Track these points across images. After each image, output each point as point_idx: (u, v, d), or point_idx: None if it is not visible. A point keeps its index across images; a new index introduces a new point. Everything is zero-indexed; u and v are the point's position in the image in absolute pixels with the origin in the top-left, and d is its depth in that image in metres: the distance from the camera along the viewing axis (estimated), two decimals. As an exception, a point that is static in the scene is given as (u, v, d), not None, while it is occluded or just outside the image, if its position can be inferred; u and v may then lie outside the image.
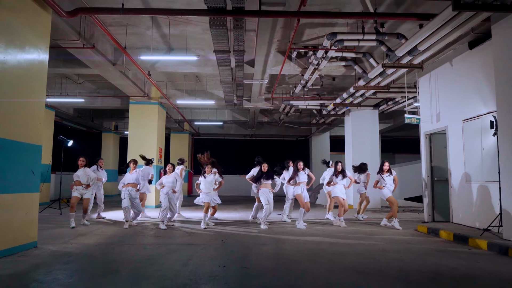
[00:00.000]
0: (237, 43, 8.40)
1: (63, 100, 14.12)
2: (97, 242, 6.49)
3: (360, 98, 12.28)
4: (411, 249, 6.11)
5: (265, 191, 8.81)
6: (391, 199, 8.98)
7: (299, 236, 7.32)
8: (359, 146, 14.63)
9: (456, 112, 8.52)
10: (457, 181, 8.49)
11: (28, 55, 5.84)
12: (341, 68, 10.84)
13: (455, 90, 8.59)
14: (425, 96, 9.84)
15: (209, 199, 8.60)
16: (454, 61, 8.66)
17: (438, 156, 9.53)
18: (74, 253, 5.56)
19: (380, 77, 9.73)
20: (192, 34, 9.58)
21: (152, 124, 14.21)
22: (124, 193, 8.65)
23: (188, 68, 10.99)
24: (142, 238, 7.00)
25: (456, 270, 4.71)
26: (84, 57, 9.44)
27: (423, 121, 9.74)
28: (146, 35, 9.71)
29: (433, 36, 7.28)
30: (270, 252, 5.80)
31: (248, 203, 15.55)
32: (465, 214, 8.18)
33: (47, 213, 11.21)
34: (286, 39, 9.72)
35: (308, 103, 14.14)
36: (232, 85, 12.39)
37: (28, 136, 5.84)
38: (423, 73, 9.83)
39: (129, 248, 6.00)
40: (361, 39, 8.24)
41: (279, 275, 4.41)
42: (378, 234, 7.83)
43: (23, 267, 4.67)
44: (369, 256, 5.46)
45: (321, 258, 5.34)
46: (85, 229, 8.05)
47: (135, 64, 9.89)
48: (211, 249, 5.92)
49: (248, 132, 23.47)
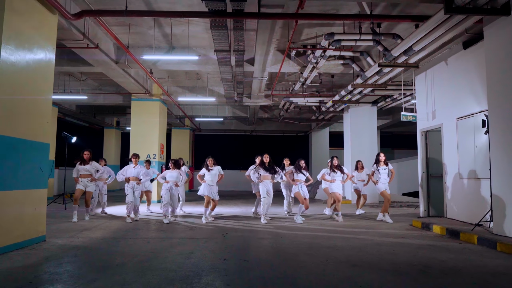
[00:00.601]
0: (237, 43, 8.63)
1: (66, 97, 14.37)
2: (103, 236, 6.76)
3: (358, 95, 12.50)
4: (404, 243, 6.37)
5: (266, 183, 8.91)
6: (384, 193, 9.19)
7: (297, 231, 7.59)
8: (357, 142, 14.89)
9: (450, 110, 8.75)
10: (451, 177, 8.74)
11: (36, 56, 6.07)
12: (339, 66, 11.06)
13: (450, 88, 8.80)
14: (421, 94, 10.06)
15: (210, 192, 8.73)
16: (449, 60, 8.87)
17: (434, 152, 9.75)
18: (81, 246, 5.83)
19: (377, 75, 9.95)
20: (193, 34, 9.79)
21: (153, 121, 14.44)
22: (128, 188, 8.89)
23: (190, 66, 11.22)
24: (146, 233, 7.27)
25: (445, 263, 4.97)
26: (88, 56, 9.67)
27: (419, 118, 9.96)
28: (148, 34, 9.93)
29: (428, 37, 7.49)
30: (268, 245, 6.06)
31: (248, 198, 15.87)
32: (458, 209, 8.44)
33: (52, 208, 11.47)
34: (285, 38, 9.93)
35: (307, 100, 14.36)
36: (233, 83, 12.61)
37: (36, 135, 6.08)
38: (419, 72, 10.04)
39: (133, 242, 6.26)
40: (358, 39, 8.46)
41: (276, 268, 4.67)
42: (374, 228, 8.08)
43: (35, 259, 4.94)
44: (363, 250, 5.72)
45: (317, 251, 5.59)
46: (89, 223, 8.32)
47: (138, 63, 10.12)
48: (212, 243, 6.18)
49: (249, 128, 23.71)
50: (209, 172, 8.86)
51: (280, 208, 11.44)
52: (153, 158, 14.14)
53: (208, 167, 8.88)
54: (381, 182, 9.27)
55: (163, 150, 15.15)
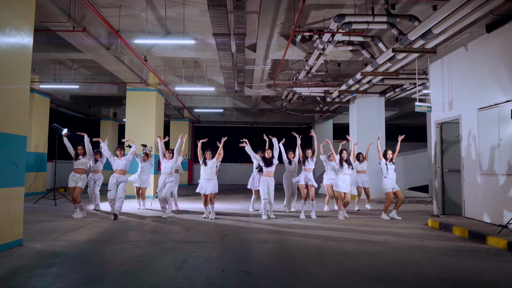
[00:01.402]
0: (237, 26, 7.85)
1: (57, 87, 13.61)
2: (88, 239, 6.07)
3: (366, 84, 11.74)
4: (425, 248, 5.68)
5: (266, 180, 8.44)
6: (389, 194, 8.61)
7: (303, 232, 6.89)
8: (364, 134, 14.09)
9: (470, 100, 8.00)
10: (471, 173, 8.02)
11: (9, 38, 5.32)
12: (347, 53, 10.28)
13: (470, 76, 8.05)
14: (436, 83, 9.30)
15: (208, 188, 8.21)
16: (469, 46, 8.10)
17: (450, 146, 9.06)
18: (61, 252, 5.13)
19: (390, 62, 9.18)
20: (189, 17, 9.02)
21: (150, 112, 13.75)
22: (111, 184, 8.33)
23: (186, 53, 10.43)
24: (137, 234, 6.57)
25: (479, 276, 4.27)
26: (75, 41, 8.92)
27: (434, 109, 9.22)
28: (141, 17, 9.15)
29: (449, 18, 6.74)
30: (273, 251, 5.37)
31: (249, 192, 15.12)
32: (479, 208, 7.73)
33: (41, 203, 10.83)
34: (290, 22, 9.16)
35: (312, 90, 13.60)
36: (233, 71, 11.86)
37: (11, 127, 5.37)
38: (434, 59, 9.27)
39: (121, 246, 5.58)
40: (370, 22, 7.68)
41: (284, 283, 3.98)
42: (387, 228, 7.41)
43: (1, 271, 4.25)
44: (381, 257, 5.03)
45: (328, 259, 4.90)
46: (77, 223, 7.63)
47: (130, 49, 9.36)
48: (209, 248, 5.50)
49: (250, 120, 22.98)
50: (205, 167, 8.26)
51: (280, 204, 10.76)
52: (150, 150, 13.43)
53: (205, 161, 8.27)
54: (389, 179, 8.67)
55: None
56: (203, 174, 8.30)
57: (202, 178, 8.30)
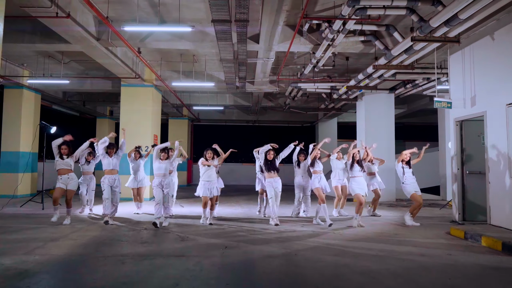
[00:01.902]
0: (239, 10, 7.03)
1: (46, 82, 12.77)
2: (68, 253, 5.27)
3: (377, 80, 10.94)
4: (458, 265, 4.87)
5: (271, 181, 7.78)
6: (414, 196, 7.91)
7: (313, 242, 6.09)
8: (373, 133, 13.30)
9: (497, 96, 7.18)
10: (498, 176, 7.21)
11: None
12: (358, 44, 9.45)
13: (498, 69, 7.23)
14: (456, 77, 8.48)
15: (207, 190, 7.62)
16: (496, 35, 7.28)
17: (471, 146, 8.25)
18: (31, 272, 4.33)
19: (405, 54, 8.39)
20: (186, 3, 8.20)
21: (146, 109, 12.97)
22: (104, 184, 7.61)
23: (183, 44, 9.60)
24: (125, 246, 5.77)
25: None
26: (61, 29, 8.12)
27: (454, 105, 8.41)
28: (133, 4, 8.32)
29: (478, 2, 5.94)
30: (281, 270, 4.56)
31: (252, 194, 14.32)
32: (509, 215, 6.92)
33: (28, 207, 10.06)
34: (296, 10, 8.35)
35: (317, 85, 12.78)
36: (234, 65, 11.05)
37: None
38: (454, 50, 8.46)
39: (103, 262, 4.77)
40: (388, 6, 6.87)
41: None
42: (406, 238, 6.61)
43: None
44: (409, 279, 4.22)
45: (347, 282, 4.10)
46: (60, 231, 6.84)
47: (122, 38, 8.55)
48: (206, 265, 4.69)
49: (251, 118, 22.17)
50: (209, 168, 7.73)
51: (288, 208, 9.96)
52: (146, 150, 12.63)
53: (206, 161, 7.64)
54: (408, 184, 7.96)
55: (157, 141, 13.65)
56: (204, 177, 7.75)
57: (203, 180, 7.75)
